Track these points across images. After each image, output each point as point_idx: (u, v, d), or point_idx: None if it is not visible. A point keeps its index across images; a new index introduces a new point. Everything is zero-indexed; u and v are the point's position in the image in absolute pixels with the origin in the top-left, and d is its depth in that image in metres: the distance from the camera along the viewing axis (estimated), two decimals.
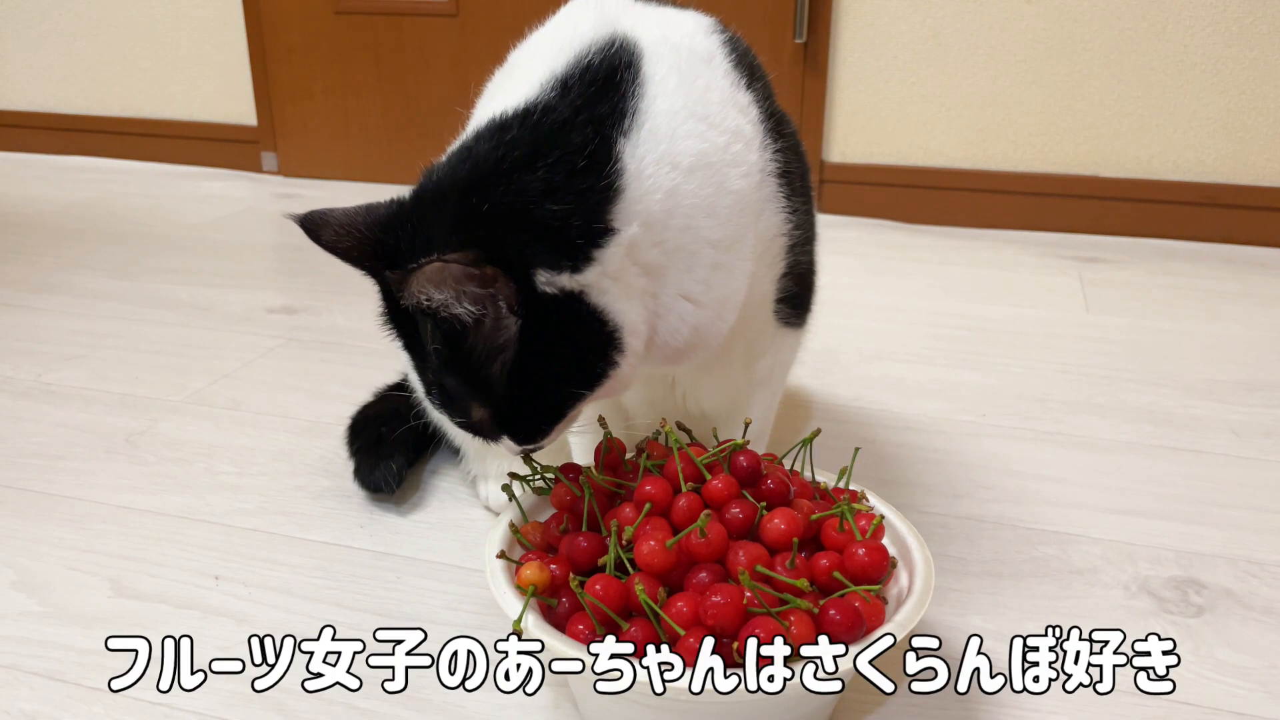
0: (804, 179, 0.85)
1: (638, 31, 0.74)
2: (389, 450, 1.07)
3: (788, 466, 0.81)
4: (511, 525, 0.77)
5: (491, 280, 0.65)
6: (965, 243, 2.06)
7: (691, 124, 0.71)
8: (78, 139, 2.82)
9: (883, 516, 0.76)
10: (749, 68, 0.79)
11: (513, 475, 0.82)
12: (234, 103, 2.68)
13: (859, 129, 2.21)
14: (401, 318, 0.72)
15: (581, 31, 0.73)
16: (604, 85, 0.70)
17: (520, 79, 0.73)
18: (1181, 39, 1.98)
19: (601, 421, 0.82)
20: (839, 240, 2.07)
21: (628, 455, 0.81)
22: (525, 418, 0.73)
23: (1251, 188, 2.02)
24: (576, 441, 1.00)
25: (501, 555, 0.74)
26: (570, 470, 0.79)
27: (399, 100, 2.51)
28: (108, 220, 2.22)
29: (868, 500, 0.80)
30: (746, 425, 0.82)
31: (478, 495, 1.06)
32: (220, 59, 2.66)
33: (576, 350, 0.70)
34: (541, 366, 0.70)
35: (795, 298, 0.90)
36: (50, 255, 1.95)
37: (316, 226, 0.71)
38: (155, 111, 2.76)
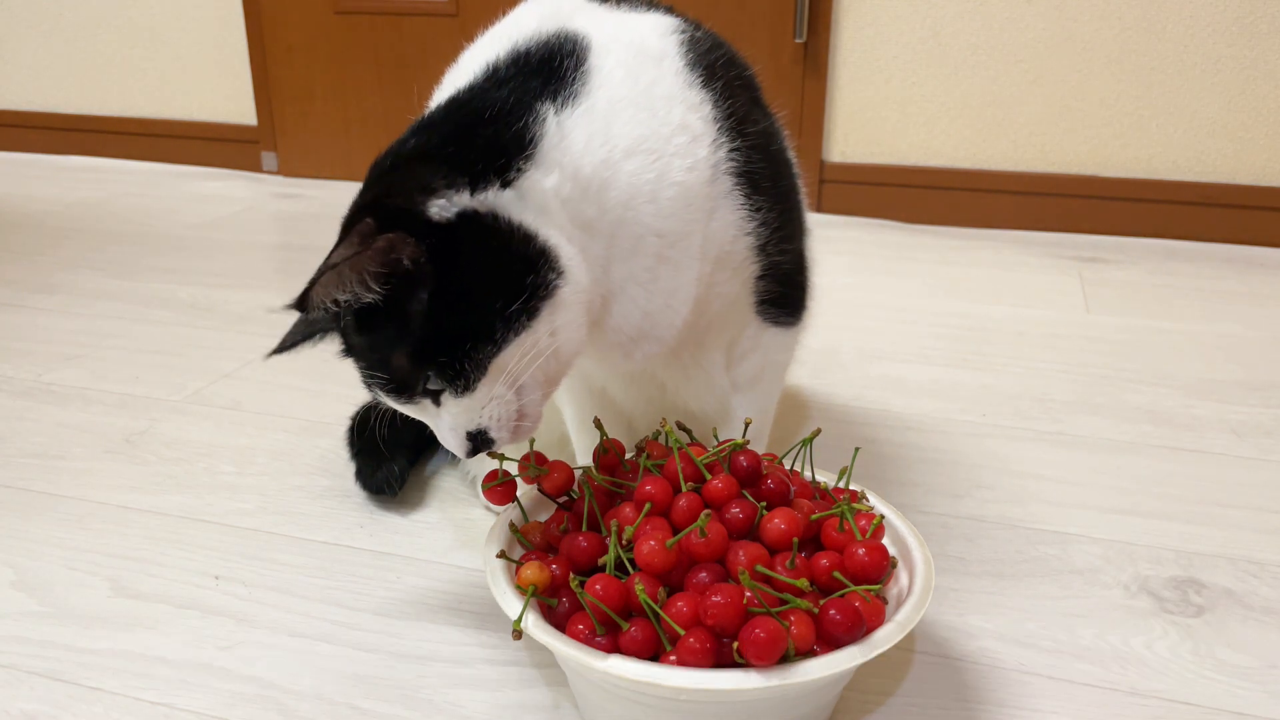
0: (774, 180, 0.83)
1: (589, 29, 0.77)
2: (391, 452, 1.07)
3: (788, 466, 0.81)
4: (511, 525, 0.77)
5: (393, 246, 0.65)
6: (965, 243, 2.06)
7: (632, 112, 0.74)
8: (78, 139, 2.82)
9: (883, 516, 0.76)
10: (708, 68, 0.80)
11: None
12: (234, 103, 2.68)
13: (859, 129, 2.21)
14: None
15: (525, 26, 0.77)
16: (538, 68, 0.73)
17: (459, 74, 0.77)
18: (1181, 39, 1.98)
19: (597, 423, 0.82)
20: (839, 240, 2.07)
21: (627, 455, 0.81)
22: (452, 348, 0.68)
23: (1251, 188, 2.02)
24: (577, 440, 1.00)
25: (501, 555, 0.74)
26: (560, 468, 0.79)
27: (399, 100, 2.51)
28: (108, 220, 2.22)
29: (868, 500, 0.80)
30: (747, 425, 0.82)
31: (478, 495, 1.06)
32: (220, 59, 2.66)
33: (502, 264, 0.69)
34: (467, 290, 0.68)
35: (781, 298, 0.88)
36: (50, 255, 1.95)
37: None
38: (155, 111, 2.76)
